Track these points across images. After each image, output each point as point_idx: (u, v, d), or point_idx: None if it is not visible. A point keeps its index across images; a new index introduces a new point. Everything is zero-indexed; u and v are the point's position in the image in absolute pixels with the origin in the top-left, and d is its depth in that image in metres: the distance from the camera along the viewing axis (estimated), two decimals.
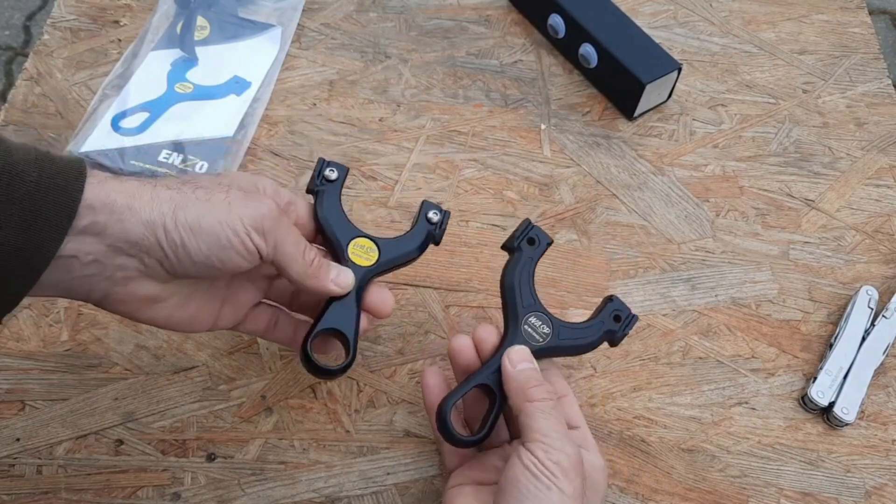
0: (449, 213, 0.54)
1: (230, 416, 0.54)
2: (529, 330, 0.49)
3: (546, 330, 0.49)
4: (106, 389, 0.54)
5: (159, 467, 0.52)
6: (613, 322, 0.50)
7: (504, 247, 0.53)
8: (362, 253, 0.50)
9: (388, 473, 0.53)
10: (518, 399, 0.45)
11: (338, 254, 0.50)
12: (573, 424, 0.48)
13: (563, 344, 0.49)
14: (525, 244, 0.51)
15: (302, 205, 0.49)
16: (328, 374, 0.48)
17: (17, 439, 0.52)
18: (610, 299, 0.51)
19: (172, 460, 0.52)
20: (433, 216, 0.53)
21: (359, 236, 0.51)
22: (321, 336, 0.48)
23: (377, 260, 0.50)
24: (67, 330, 0.56)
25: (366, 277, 0.50)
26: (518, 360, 0.47)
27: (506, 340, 0.49)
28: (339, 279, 0.48)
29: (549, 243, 0.52)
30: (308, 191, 0.52)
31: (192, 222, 0.40)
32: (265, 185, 0.47)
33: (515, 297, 0.50)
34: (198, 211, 0.41)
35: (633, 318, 0.51)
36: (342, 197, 0.52)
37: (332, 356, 0.51)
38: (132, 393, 0.54)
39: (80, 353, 0.56)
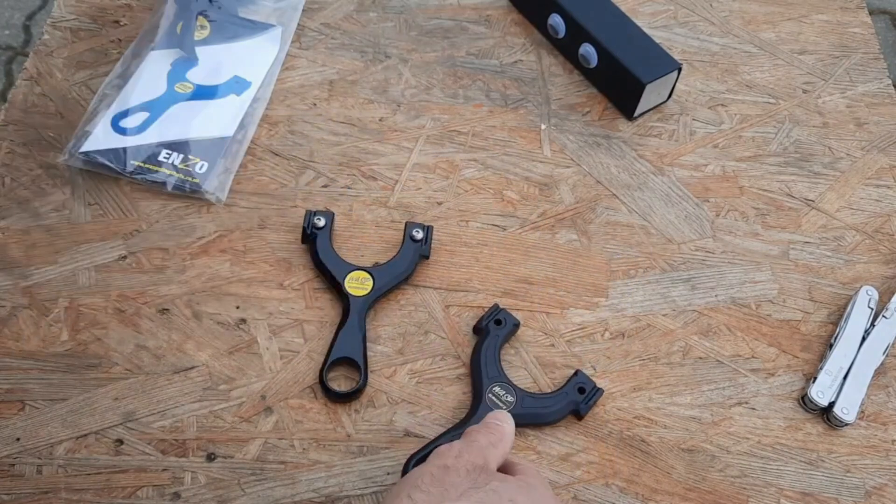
0: (431, 227, 0.61)
1: (230, 416, 0.54)
2: (493, 398, 0.53)
3: (510, 398, 0.53)
4: (106, 389, 0.54)
5: (159, 467, 0.52)
6: (578, 394, 0.54)
7: (474, 329, 0.58)
8: (358, 284, 0.58)
9: (388, 473, 0.53)
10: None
11: (337, 289, 0.58)
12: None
13: (527, 412, 0.53)
14: (493, 325, 0.57)
15: None
16: (346, 397, 0.54)
17: (17, 439, 0.52)
18: (576, 373, 0.55)
19: (172, 460, 0.52)
20: (416, 234, 0.60)
21: (353, 270, 0.58)
22: (334, 365, 0.55)
23: (372, 287, 0.58)
24: (67, 330, 0.56)
25: (364, 305, 0.57)
26: (492, 416, 0.47)
27: (471, 409, 0.53)
28: None
29: (517, 325, 0.58)
30: (303, 242, 0.60)
31: None
32: None
33: (481, 369, 0.54)
34: None
35: (597, 392, 0.55)
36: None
37: (343, 383, 0.56)
38: (132, 393, 0.54)
39: (80, 353, 0.56)
